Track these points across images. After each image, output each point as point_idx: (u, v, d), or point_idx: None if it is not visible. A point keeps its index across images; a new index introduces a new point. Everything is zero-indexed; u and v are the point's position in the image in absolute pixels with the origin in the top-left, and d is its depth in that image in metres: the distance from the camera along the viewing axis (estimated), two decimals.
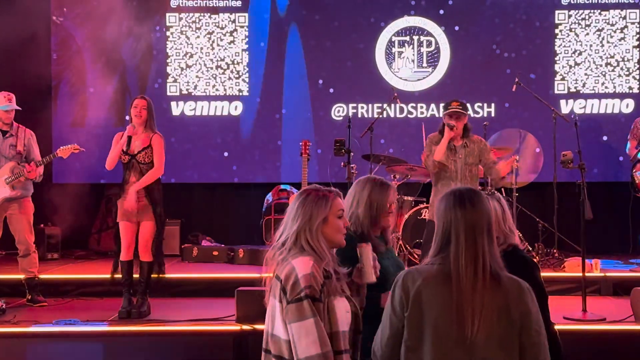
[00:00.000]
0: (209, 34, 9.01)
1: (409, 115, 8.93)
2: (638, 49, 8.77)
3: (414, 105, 8.91)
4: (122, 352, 5.37)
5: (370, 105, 8.92)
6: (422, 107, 8.92)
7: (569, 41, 8.83)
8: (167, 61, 9.02)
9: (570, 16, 8.83)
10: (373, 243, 3.23)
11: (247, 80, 9.01)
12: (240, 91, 9.02)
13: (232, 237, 8.68)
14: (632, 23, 8.78)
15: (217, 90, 9.02)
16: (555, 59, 8.83)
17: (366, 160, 7.62)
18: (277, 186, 8.36)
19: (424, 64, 8.94)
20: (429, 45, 8.95)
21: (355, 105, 8.93)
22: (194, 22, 9.02)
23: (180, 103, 9.01)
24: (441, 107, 6.10)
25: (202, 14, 9.01)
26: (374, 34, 8.94)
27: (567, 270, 6.92)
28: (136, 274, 5.89)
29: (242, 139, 9.04)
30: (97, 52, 8.88)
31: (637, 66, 8.77)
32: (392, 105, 8.63)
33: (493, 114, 8.83)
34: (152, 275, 5.90)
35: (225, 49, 9.01)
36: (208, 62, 9.01)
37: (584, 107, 8.80)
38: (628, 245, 8.05)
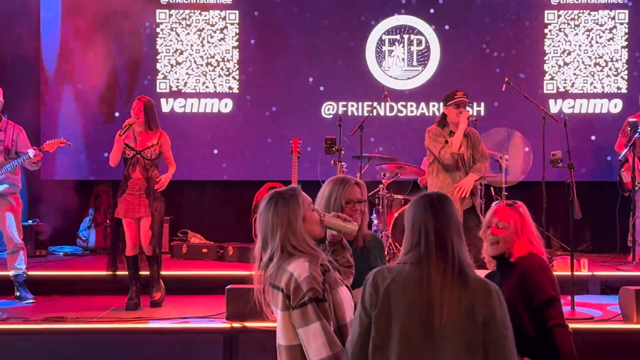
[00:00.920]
0: (199, 30, 8.99)
1: (399, 114, 8.95)
2: (627, 49, 8.82)
3: (403, 103, 8.93)
4: (111, 350, 5.36)
5: (360, 104, 8.92)
6: (412, 106, 8.93)
7: (558, 41, 8.87)
8: (157, 58, 8.98)
9: (559, 16, 8.87)
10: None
11: (237, 77, 8.99)
12: (231, 88, 9.01)
13: (222, 235, 8.66)
14: (621, 24, 8.83)
15: (207, 87, 8.99)
16: (545, 58, 8.87)
17: (356, 160, 7.62)
18: (266, 184, 8.34)
19: (414, 63, 8.96)
20: (419, 44, 8.96)
21: (345, 103, 8.93)
22: (184, 18, 8.99)
23: (170, 100, 8.98)
24: (444, 98, 6.13)
25: (193, 11, 8.98)
26: (365, 32, 8.94)
27: (555, 269, 6.93)
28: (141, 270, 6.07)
29: (232, 136, 9.02)
30: (87, 48, 8.83)
31: (626, 66, 8.82)
32: (382, 103, 8.63)
33: (483, 113, 8.85)
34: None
35: (216, 46, 8.98)
36: (198, 59, 8.99)
37: (573, 107, 8.85)
38: (616, 244, 8.09)
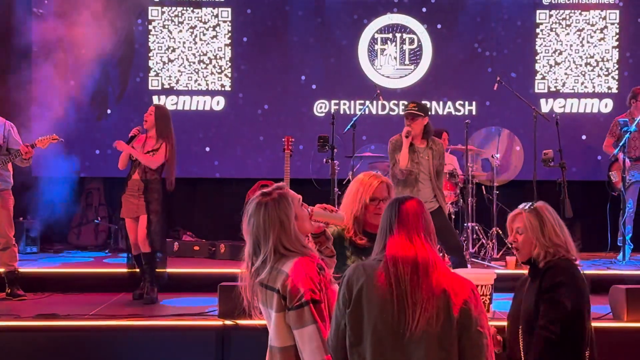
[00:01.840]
0: (192, 28, 8.97)
1: (391, 113, 8.97)
2: (617, 49, 8.86)
3: (395, 102, 8.95)
4: (102, 347, 5.35)
5: (352, 102, 8.94)
6: (404, 105, 8.93)
7: (550, 41, 8.91)
8: (149, 55, 8.97)
9: (551, 16, 8.91)
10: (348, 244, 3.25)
11: (230, 75, 8.99)
12: (223, 86, 9.00)
13: (213, 232, 8.66)
14: (612, 24, 8.88)
15: (199, 84, 8.99)
16: (536, 58, 8.90)
17: (349, 159, 7.63)
18: (258, 182, 8.33)
19: (406, 62, 8.98)
20: (411, 42, 8.98)
21: (337, 101, 8.95)
22: (176, 16, 8.98)
23: (162, 97, 8.96)
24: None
25: (185, 8, 8.97)
26: (357, 31, 8.95)
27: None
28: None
29: (224, 134, 9.02)
30: (78, 45, 8.79)
31: (617, 66, 8.87)
32: (374, 102, 8.65)
33: (474, 112, 8.89)
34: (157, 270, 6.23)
35: (208, 43, 8.98)
36: (190, 56, 8.98)
37: (564, 107, 8.89)
38: (606, 243, 8.14)
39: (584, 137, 8.86)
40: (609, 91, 8.88)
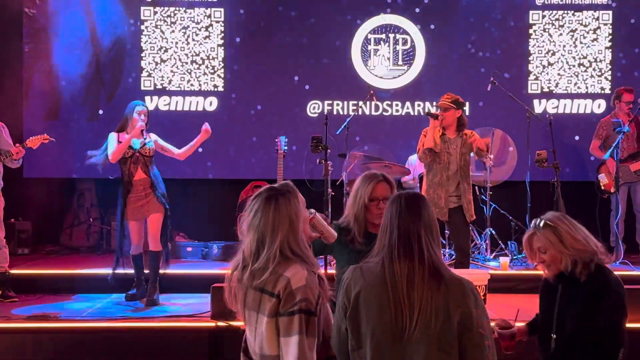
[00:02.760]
0: (184, 28, 8.94)
1: (384, 113, 8.95)
2: (610, 50, 8.88)
3: (389, 103, 8.93)
4: (95, 349, 5.32)
5: (345, 103, 8.92)
6: (397, 105, 8.94)
7: (543, 41, 8.91)
8: (142, 55, 8.93)
9: (544, 16, 8.91)
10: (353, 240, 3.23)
11: (223, 75, 8.96)
12: (216, 87, 8.97)
13: (206, 233, 8.63)
14: (605, 24, 8.89)
15: (192, 85, 8.95)
16: (529, 58, 8.91)
17: (342, 158, 7.62)
18: (251, 182, 8.33)
19: (400, 62, 8.97)
20: (404, 43, 8.97)
21: (330, 102, 8.93)
22: (169, 16, 8.94)
23: (155, 98, 8.93)
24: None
25: (178, 8, 8.93)
26: (350, 31, 8.94)
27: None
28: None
29: (216, 134, 8.92)
30: (70, 45, 8.76)
31: (610, 67, 8.88)
32: (367, 102, 8.63)
33: (468, 112, 8.85)
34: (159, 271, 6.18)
35: (201, 43, 8.94)
36: (183, 56, 8.94)
37: (557, 107, 8.89)
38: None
39: (577, 137, 8.86)
40: (602, 92, 8.88)
